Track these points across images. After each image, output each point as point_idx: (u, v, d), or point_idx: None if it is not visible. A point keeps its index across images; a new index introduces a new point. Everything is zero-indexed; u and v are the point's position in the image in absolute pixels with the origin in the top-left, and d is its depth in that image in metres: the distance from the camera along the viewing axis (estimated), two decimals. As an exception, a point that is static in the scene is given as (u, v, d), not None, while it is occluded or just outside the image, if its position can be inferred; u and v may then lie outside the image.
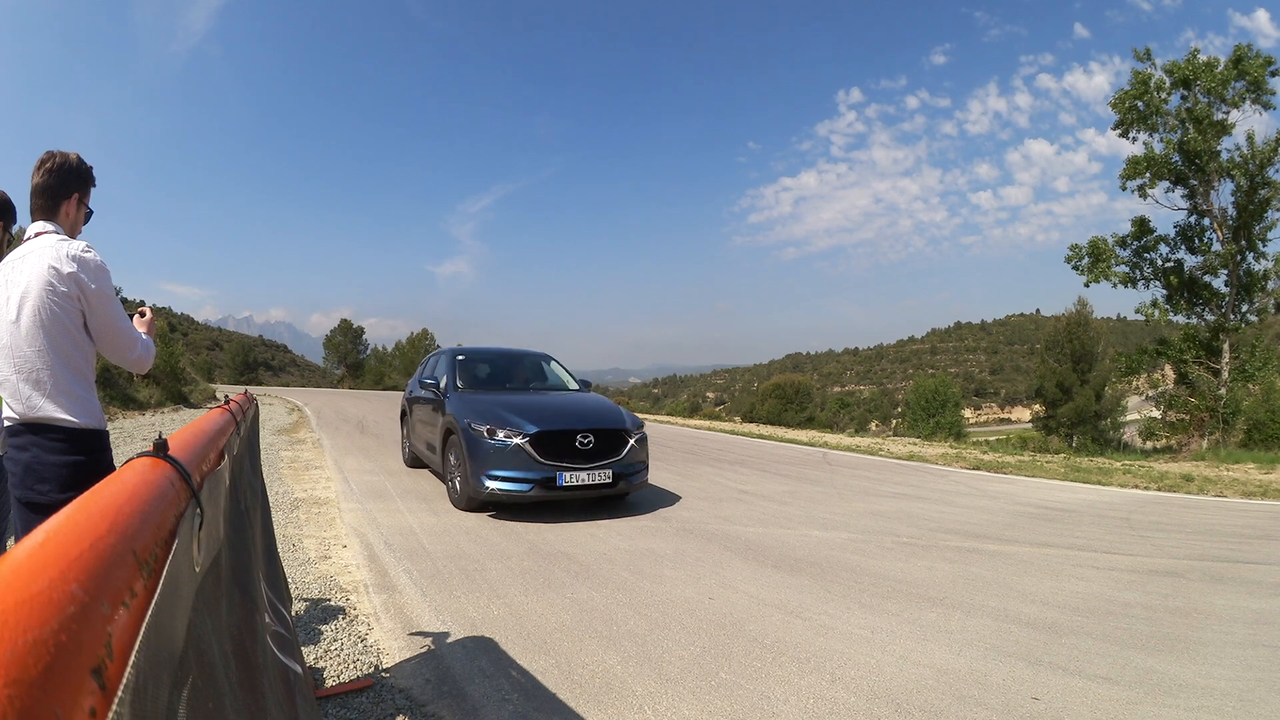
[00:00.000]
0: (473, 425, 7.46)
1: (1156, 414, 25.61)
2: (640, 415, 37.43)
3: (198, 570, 0.87)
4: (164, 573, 0.66)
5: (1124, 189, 22.60)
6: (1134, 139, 22.71)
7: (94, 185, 2.85)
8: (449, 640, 3.89)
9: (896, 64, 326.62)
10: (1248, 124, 21.70)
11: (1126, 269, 22.98)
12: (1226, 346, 21.62)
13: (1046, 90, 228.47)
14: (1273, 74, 21.26)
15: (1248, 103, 21.25)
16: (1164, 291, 22.66)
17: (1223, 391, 21.10)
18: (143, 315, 3.07)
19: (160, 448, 0.91)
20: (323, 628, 4.02)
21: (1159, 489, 11.46)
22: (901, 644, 4.10)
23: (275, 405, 26.28)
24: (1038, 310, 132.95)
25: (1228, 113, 21.40)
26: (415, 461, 10.44)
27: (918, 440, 21.39)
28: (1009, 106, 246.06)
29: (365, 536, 6.28)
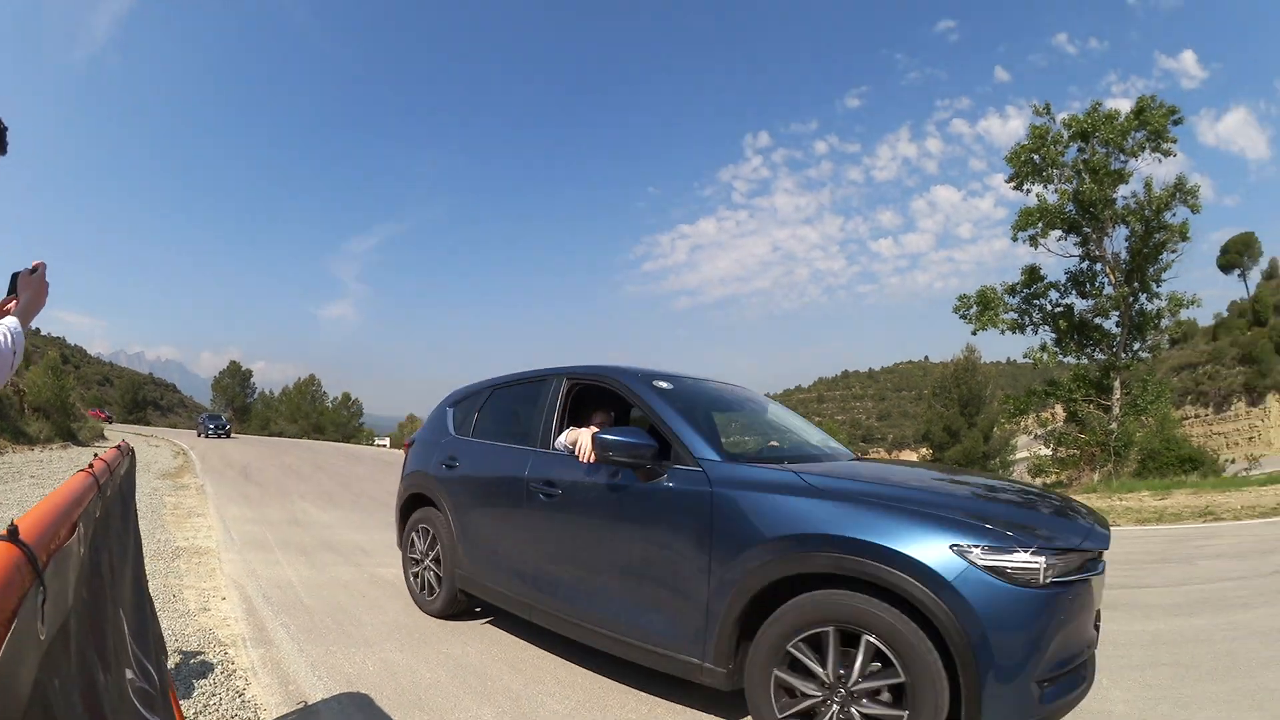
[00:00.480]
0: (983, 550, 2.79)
1: (1046, 451, 26.77)
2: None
3: (43, 638, 0.97)
4: (4, 645, 0.77)
5: (1015, 239, 23.53)
6: (1027, 191, 23.69)
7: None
8: (325, 697, 3.87)
9: (809, 107, 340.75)
10: (1146, 171, 22.97)
11: (1015, 315, 23.83)
12: (1118, 383, 22.65)
13: (959, 135, 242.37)
14: (1175, 123, 22.43)
15: (1147, 151, 22.43)
16: (1053, 335, 23.60)
17: (1114, 426, 22.06)
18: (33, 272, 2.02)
19: (12, 534, 0.96)
20: (200, 682, 3.95)
21: None
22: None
23: (162, 448, 26.26)
24: (926, 357, 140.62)
25: (1125, 162, 22.57)
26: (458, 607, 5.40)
27: None
28: (919, 152, 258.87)
29: (244, 588, 6.16)
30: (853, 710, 2.86)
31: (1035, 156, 23.17)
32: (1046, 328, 23.72)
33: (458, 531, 5.03)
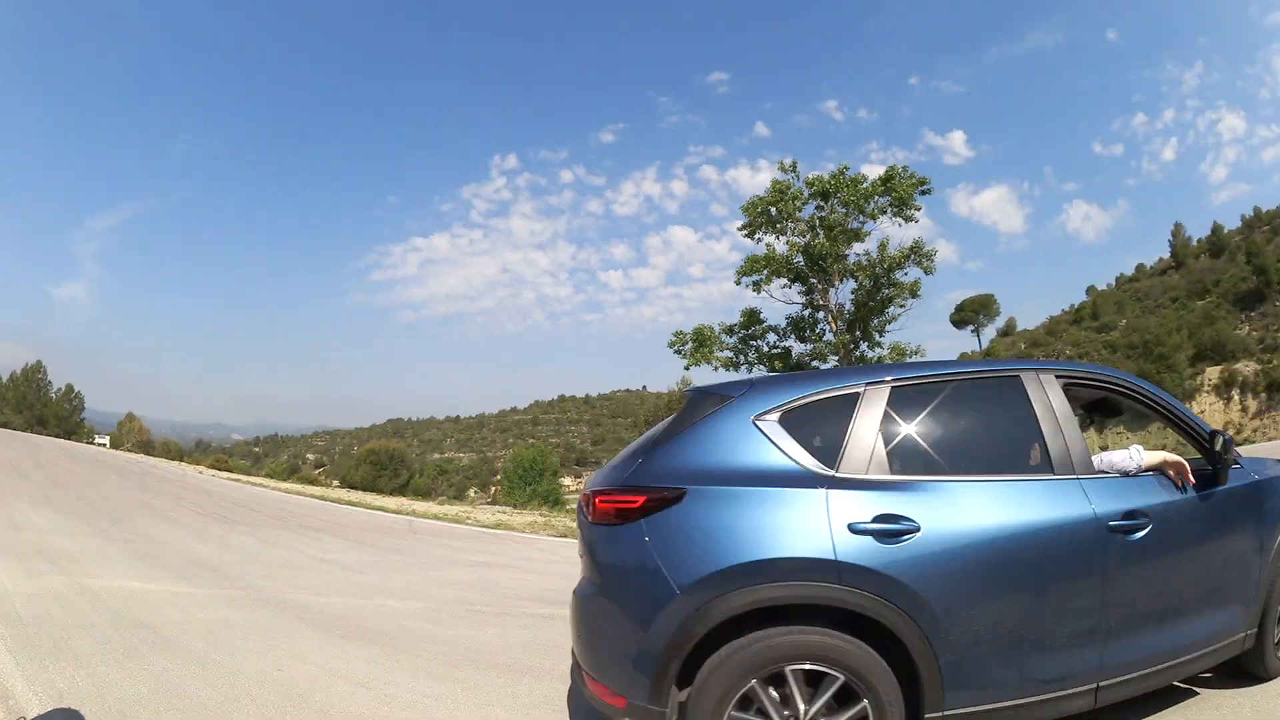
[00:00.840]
0: None
1: None
2: (237, 476, 34.54)
3: None
4: None
5: (738, 283, 23.88)
6: (758, 240, 24.31)
7: None
8: (39, 712, 3.94)
9: (563, 136, 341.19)
10: (885, 233, 23.97)
11: (731, 354, 24.30)
12: None
13: (706, 181, 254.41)
14: (923, 193, 23.90)
15: (888, 215, 23.67)
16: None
17: None
18: None
19: None
20: (-87, 695, 3.97)
21: None
22: (465, 710, 4.24)
23: None
24: (644, 386, 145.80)
25: (863, 223, 23.81)
26: None
27: (508, 509, 21.40)
28: (663, 192, 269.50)
29: (-41, 598, 6.16)
30: None
31: (772, 209, 23.89)
32: (762, 367, 24.42)
33: (957, 643, 2.96)
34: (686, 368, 24.99)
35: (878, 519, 2.96)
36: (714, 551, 2.92)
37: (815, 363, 24.96)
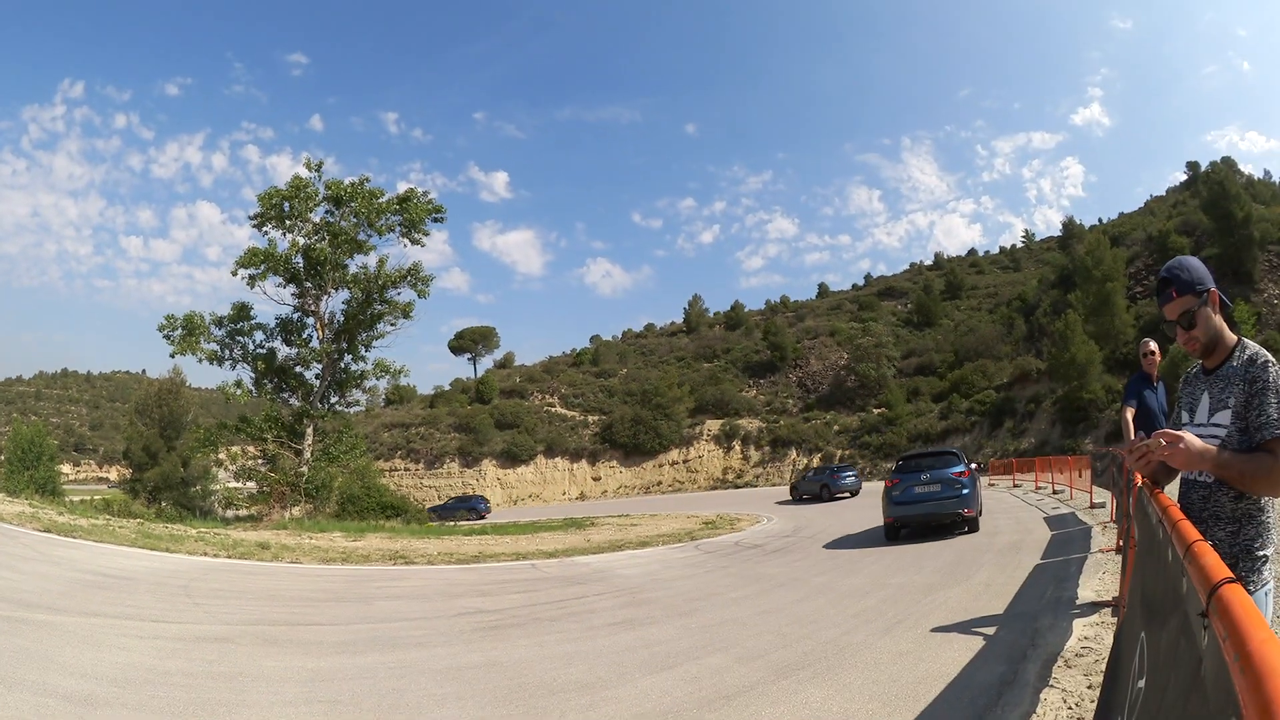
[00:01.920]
0: None
1: (239, 485, 27.10)
2: None
3: None
4: None
5: (235, 274, 23.43)
6: (265, 233, 24.11)
7: None
8: None
9: (132, 77, 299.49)
10: (387, 249, 25.17)
11: (217, 347, 23.78)
12: (310, 430, 23.93)
13: (246, 161, 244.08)
14: (436, 219, 25.35)
15: (396, 234, 24.73)
16: (253, 375, 24.21)
17: (305, 469, 23.12)
18: None
19: None
20: None
21: (230, 556, 11.83)
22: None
23: None
24: (144, 370, 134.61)
25: (370, 236, 24.56)
26: None
27: (1, 496, 18.92)
28: (202, 162, 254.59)
29: None
30: None
31: (286, 204, 23.72)
32: (246, 366, 24.19)
33: None
34: (172, 355, 23.56)
35: None
36: None
37: (299, 369, 25.06)
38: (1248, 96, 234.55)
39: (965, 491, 13.03)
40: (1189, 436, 2.33)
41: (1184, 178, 65.40)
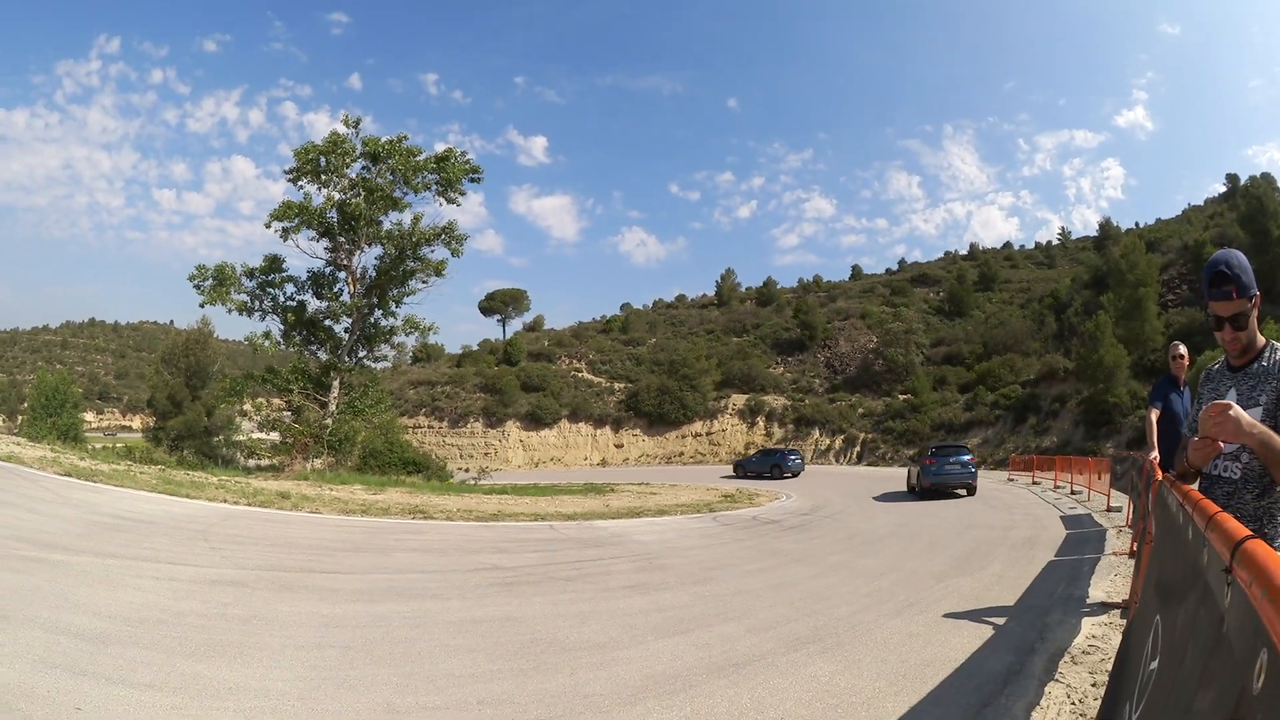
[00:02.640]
0: None
1: (262, 436, 27.35)
2: None
3: None
4: None
5: (268, 227, 23.49)
6: (300, 187, 24.11)
7: None
8: None
9: (171, 30, 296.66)
10: (422, 207, 24.90)
11: (247, 298, 23.80)
12: (336, 383, 24.09)
13: (283, 117, 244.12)
14: (473, 180, 25.37)
15: (433, 192, 24.65)
16: (282, 326, 24.20)
17: (329, 422, 23.28)
18: None
19: None
20: None
21: (250, 504, 11.98)
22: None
23: None
24: (171, 321, 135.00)
25: (406, 193, 24.41)
26: None
27: (24, 441, 19.20)
28: (239, 118, 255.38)
29: None
30: None
31: (323, 159, 23.65)
32: (276, 317, 24.17)
33: None
34: (202, 305, 23.45)
35: None
36: None
37: (328, 322, 25.10)
38: None
39: (973, 470, 20.70)
40: (1237, 407, 2.33)
41: (1223, 189, 63.68)
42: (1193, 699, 1.60)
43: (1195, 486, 2.97)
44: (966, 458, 20.95)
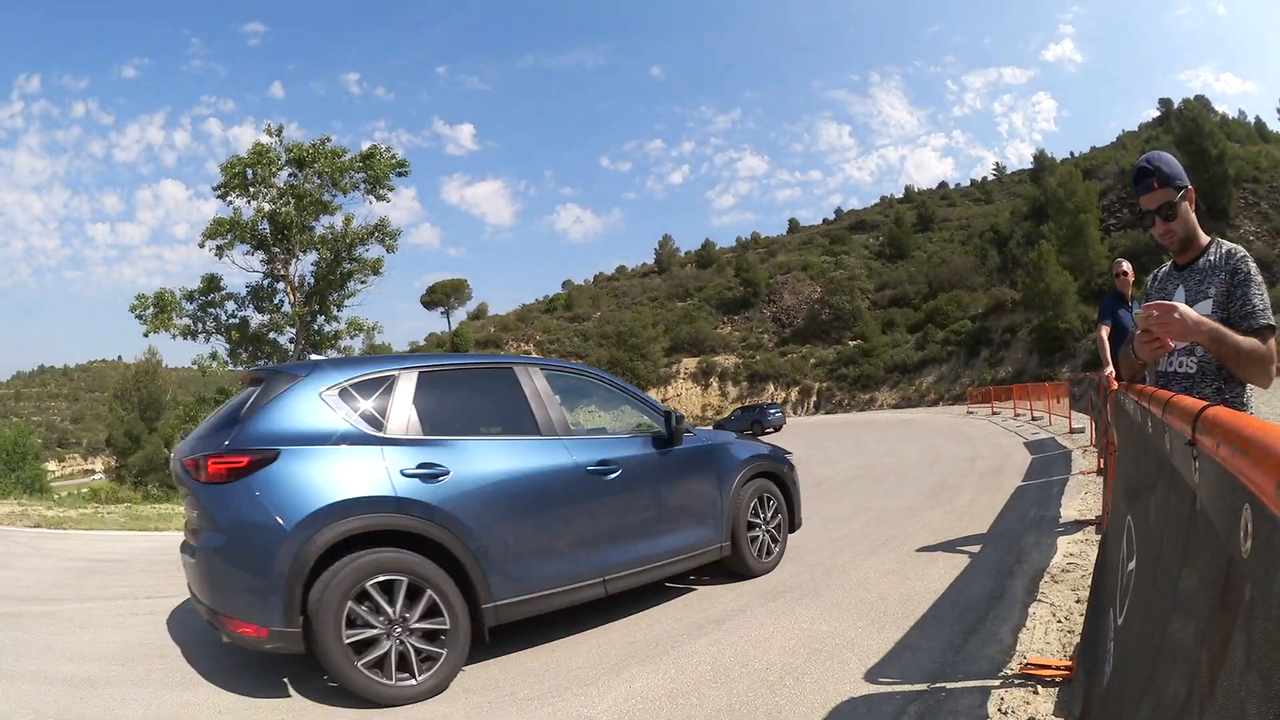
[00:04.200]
0: None
1: None
2: None
3: None
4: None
5: (202, 246, 23.18)
6: (230, 203, 23.70)
7: None
8: None
9: (89, 62, 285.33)
10: (353, 208, 24.72)
11: (189, 322, 23.55)
12: None
13: (209, 135, 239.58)
14: (400, 174, 25.01)
15: (361, 191, 24.38)
16: (227, 345, 23.92)
17: None
18: None
19: None
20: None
21: None
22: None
23: None
24: (120, 357, 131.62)
25: (335, 196, 24.18)
26: None
27: None
28: (165, 141, 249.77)
29: None
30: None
31: (249, 172, 23.35)
32: (220, 337, 23.97)
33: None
34: (145, 334, 23.18)
35: (421, 465, 4.10)
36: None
37: (273, 334, 24.93)
38: (1223, 39, 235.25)
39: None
40: (1183, 306, 2.29)
41: (1157, 114, 65.23)
42: (1176, 585, 1.54)
43: (1149, 384, 2.96)
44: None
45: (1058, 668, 3.48)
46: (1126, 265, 6.62)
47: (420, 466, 4.11)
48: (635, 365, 62.07)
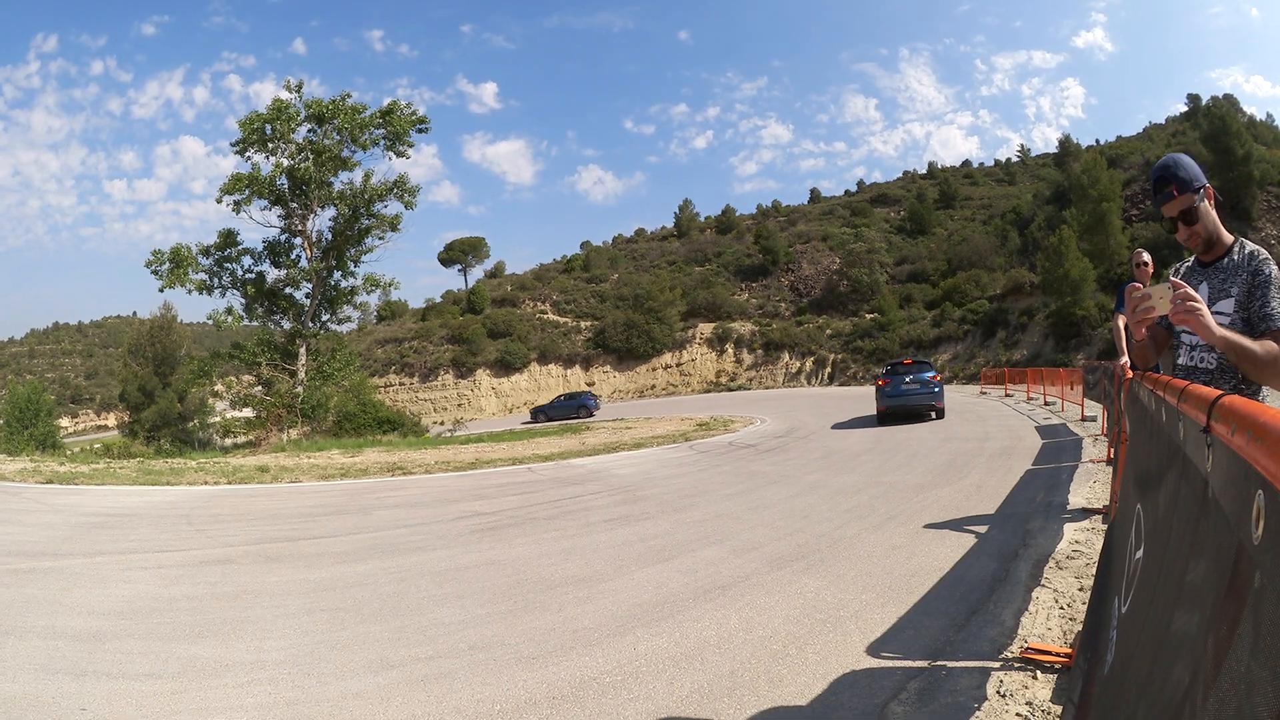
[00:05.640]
0: None
1: (236, 413, 27.08)
2: None
3: None
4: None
5: (219, 202, 23.10)
6: (249, 158, 23.58)
7: None
8: None
9: (108, 19, 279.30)
10: (372, 164, 24.80)
11: (205, 276, 23.54)
12: (304, 350, 24.04)
13: (228, 91, 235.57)
14: (420, 131, 24.94)
15: (381, 148, 24.41)
16: (243, 300, 24.02)
17: (300, 390, 23.20)
18: None
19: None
20: None
21: (230, 482, 12.08)
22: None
23: None
24: (134, 312, 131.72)
25: (354, 152, 24.18)
26: None
27: (2, 456, 18.94)
28: (184, 98, 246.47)
29: None
30: None
31: (268, 127, 23.22)
32: (236, 292, 24.01)
33: None
34: (160, 289, 23.42)
35: None
36: None
37: (289, 289, 24.98)
38: (1255, 41, 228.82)
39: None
40: (1204, 307, 2.28)
41: (1184, 109, 63.50)
42: (1183, 573, 1.54)
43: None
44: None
45: (1058, 654, 3.51)
46: (1147, 256, 6.54)
47: None
48: (651, 328, 61.98)
